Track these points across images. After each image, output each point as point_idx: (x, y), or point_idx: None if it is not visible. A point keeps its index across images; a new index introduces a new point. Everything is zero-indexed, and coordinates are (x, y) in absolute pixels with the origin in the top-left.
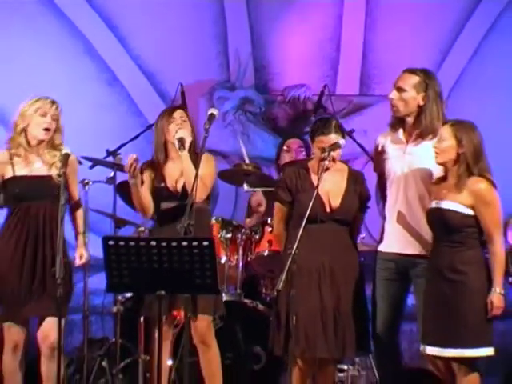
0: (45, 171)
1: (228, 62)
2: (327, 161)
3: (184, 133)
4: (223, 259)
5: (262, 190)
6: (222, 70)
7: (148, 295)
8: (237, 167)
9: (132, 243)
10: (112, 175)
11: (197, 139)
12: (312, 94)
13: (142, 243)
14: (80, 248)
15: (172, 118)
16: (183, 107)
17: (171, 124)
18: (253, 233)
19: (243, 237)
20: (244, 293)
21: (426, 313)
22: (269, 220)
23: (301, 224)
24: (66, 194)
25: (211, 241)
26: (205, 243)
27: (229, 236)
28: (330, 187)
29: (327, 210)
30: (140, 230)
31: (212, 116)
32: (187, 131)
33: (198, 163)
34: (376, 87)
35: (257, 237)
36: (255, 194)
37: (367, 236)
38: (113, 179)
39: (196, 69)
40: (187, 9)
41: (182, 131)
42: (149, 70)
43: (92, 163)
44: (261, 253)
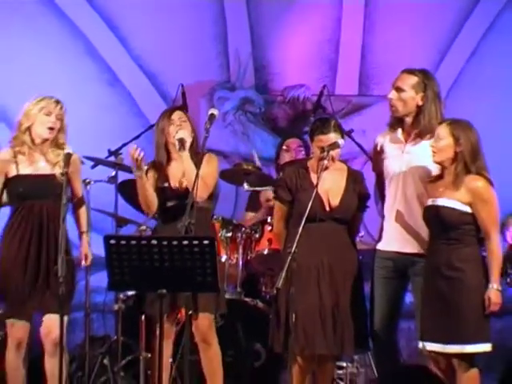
0: (48, 170)
1: (228, 63)
2: (326, 160)
3: (184, 133)
4: (223, 258)
5: (262, 190)
6: (223, 71)
7: (150, 293)
8: (237, 167)
9: (133, 242)
10: (113, 175)
11: (198, 139)
12: (311, 95)
13: (143, 242)
14: (84, 248)
15: (171, 120)
16: (182, 108)
17: (171, 126)
18: (253, 232)
19: (243, 236)
20: (244, 291)
21: (424, 310)
22: (269, 219)
23: (300, 223)
24: (69, 193)
25: (212, 239)
26: (205, 242)
27: (229, 235)
28: (330, 186)
29: (327, 209)
30: (141, 229)
31: (212, 116)
32: (187, 131)
33: (200, 163)
34: (375, 87)
35: (257, 235)
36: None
37: (366, 235)
38: (114, 178)
39: (196, 69)
40: (187, 10)
41: (182, 132)
42: (150, 71)
43: (94, 163)
44: (261, 251)
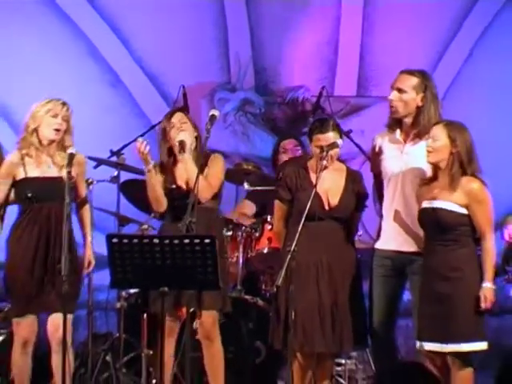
0: (56, 172)
1: (229, 65)
2: (325, 160)
3: (184, 135)
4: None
5: (262, 190)
6: (223, 73)
7: (154, 291)
8: (237, 167)
9: (135, 241)
10: (116, 174)
11: (201, 138)
12: (310, 96)
13: (145, 241)
14: (88, 256)
15: (171, 123)
16: (182, 109)
17: (172, 129)
18: (253, 230)
19: (243, 234)
20: (244, 289)
21: (422, 310)
22: (268, 218)
23: (300, 222)
24: (73, 193)
25: (213, 238)
26: (206, 241)
27: (229, 234)
28: (329, 186)
29: (326, 208)
30: (143, 228)
31: (213, 117)
32: (187, 133)
33: (204, 163)
34: (373, 89)
35: (257, 234)
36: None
37: (364, 234)
38: (116, 178)
39: (197, 71)
40: (189, 12)
41: (182, 134)
42: (151, 72)
43: (96, 163)
44: (261, 250)
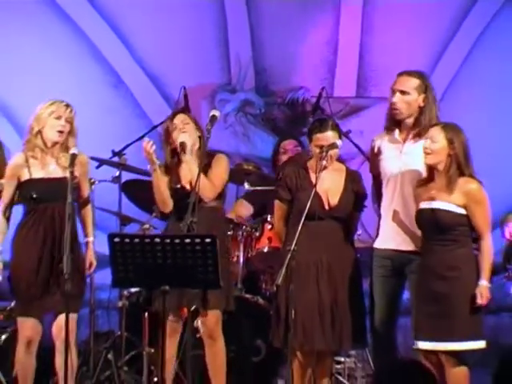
0: (60, 173)
1: (229, 66)
2: (325, 161)
3: (185, 137)
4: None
5: (262, 189)
6: (224, 74)
7: (157, 291)
8: (237, 167)
9: (137, 240)
10: (117, 174)
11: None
12: (310, 96)
13: (147, 240)
14: (90, 257)
15: (174, 125)
16: (184, 110)
17: (174, 131)
18: (253, 230)
19: (244, 234)
20: (245, 288)
21: (418, 309)
22: (269, 217)
23: (300, 221)
24: (75, 193)
25: (214, 238)
26: (207, 240)
27: (230, 233)
28: (329, 186)
29: (326, 208)
30: (144, 228)
31: (214, 117)
32: (189, 134)
33: (208, 163)
34: (372, 89)
35: (257, 234)
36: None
37: (363, 233)
38: (118, 178)
39: (198, 72)
40: (189, 14)
41: (183, 135)
42: (152, 73)
43: (98, 163)
44: (261, 249)
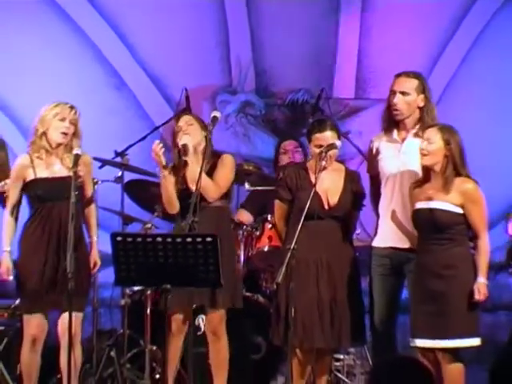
0: (65, 173)
1: (230, 68)
2: (324, 161)
3: (186, 139)
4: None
5: (263, 189)
6: (224, 75)
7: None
8: (238, 167)
9: (139, 239)
10: (120, 175)
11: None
12: (310, 98)
13: (149, 239)
14: (94, 256)
15: (178, 127)
16: (186, 111)
17: (179, 133)
18: (253, 229)
19: (244, 233)
20: (245, 286)
21: (415, 308)
22: (269, 217)
23: (300, 221)
24: (79, 193)
25: (215, 237)
26: (208, 239)
27: None
28: (329, 186)
29: (325, 208)
30: (147, 227)
31: (215, 119)
32: (192, 135)
33: (214, 164)
34: (371, 91)
35: (257, 233)
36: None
37: (362, 232)
38: (121, 178)
39: (199, 74)
40: (191, 16)
41: (185, 138)
42: (154, 75)
43: (101, 163)
44: (261, 248)
